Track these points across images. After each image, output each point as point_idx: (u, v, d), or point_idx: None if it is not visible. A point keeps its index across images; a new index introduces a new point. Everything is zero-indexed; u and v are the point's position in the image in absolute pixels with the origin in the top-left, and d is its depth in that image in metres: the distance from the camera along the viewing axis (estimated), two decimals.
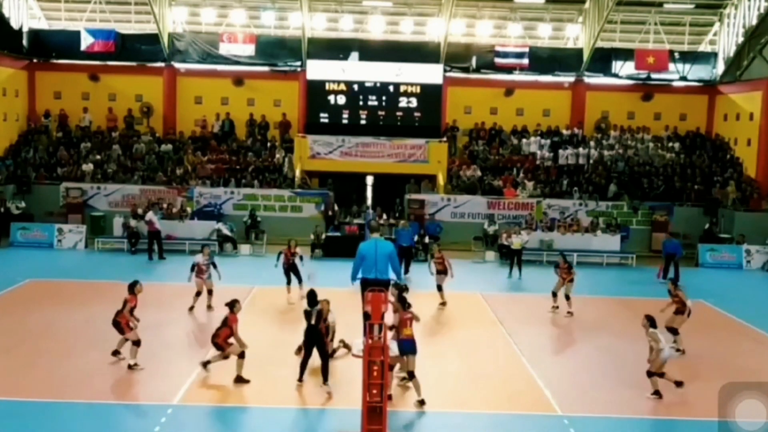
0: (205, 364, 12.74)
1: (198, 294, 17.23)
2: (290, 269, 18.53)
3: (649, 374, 12.24)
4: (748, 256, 25.60)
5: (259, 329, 15.68)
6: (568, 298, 17.74)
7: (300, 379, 12.28)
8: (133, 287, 13.36)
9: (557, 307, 17.98)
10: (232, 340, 12.48)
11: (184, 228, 25.45)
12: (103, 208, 27.23)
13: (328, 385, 12.03)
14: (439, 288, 18.46)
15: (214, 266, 17.45)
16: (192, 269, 17.07)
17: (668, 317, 14.93)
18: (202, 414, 11.20)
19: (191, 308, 17.17)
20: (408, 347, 11.78)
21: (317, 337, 12.24)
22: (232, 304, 12.68)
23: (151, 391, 11.98)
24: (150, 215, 23.96)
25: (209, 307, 17.14)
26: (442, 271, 18.48)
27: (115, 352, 13.27)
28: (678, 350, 14.66)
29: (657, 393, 12.16)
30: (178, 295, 18.46)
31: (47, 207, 27.35)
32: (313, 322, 12.20)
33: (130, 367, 12.81)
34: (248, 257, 24.74)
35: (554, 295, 17.93)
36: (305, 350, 12.41)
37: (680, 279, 21.90)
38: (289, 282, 18.36)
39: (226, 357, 12.53)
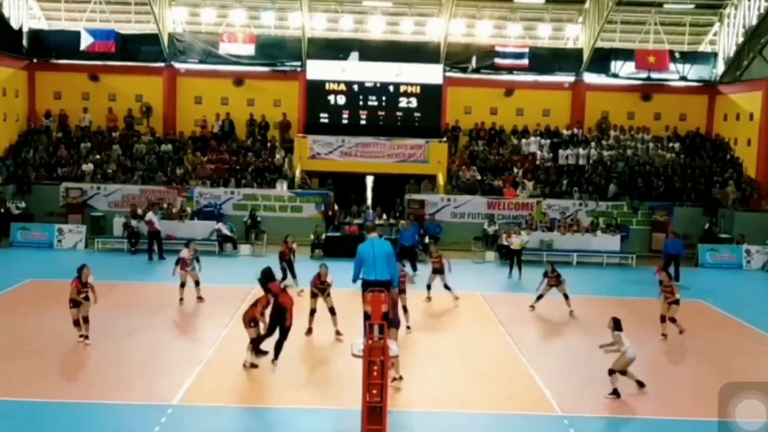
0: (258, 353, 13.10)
1: (183, 285, 17.71)
2: (287, 265, 18.63)
3: (611, 372, 12.30)
4: (748, 256, 25.60)
5: None
6: (566, 297, 17.84)
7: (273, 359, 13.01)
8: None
9: (534, 308, 18.18)
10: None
11: (184, 228, 25.44)
12: (103, 208, 27.23)
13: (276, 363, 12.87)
14: (446, 287, 18.55)
15: (197, 260, 18.10)
16: (177, 263, 17.78)
17: (664, 308, 15.84)
18: (202, 414, 11.20)
19: (181, 300, 17.63)
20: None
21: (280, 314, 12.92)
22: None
23: (151, 391, 11.97)
24: (150, 215, 23.99)
25: (199, 298, 17.76)
26: (439, 270, 18.50)
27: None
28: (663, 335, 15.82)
29: (615, 392, 12.22)
30: (178, 295, 18.49)
31: (47, 207, 27.36)
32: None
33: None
34: (248, 257, 24.73)
35: (539, 298, 18.04)
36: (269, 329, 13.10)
37: (680, 279, 22.10)
38: (284, 278, 18.37)
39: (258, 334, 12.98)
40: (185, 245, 18.76)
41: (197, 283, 17.87)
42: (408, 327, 15.59)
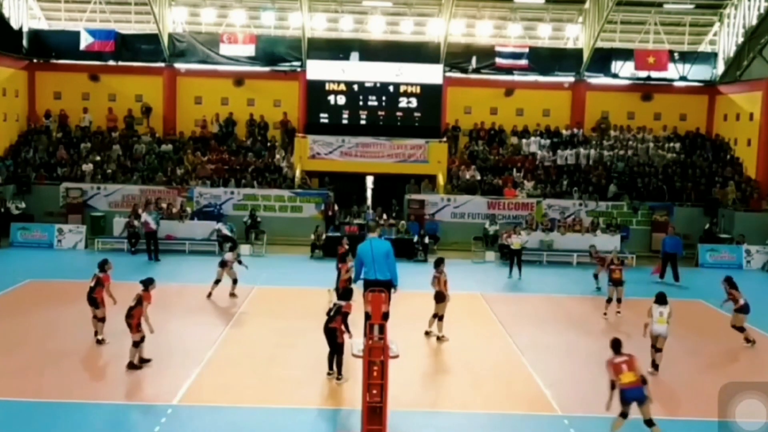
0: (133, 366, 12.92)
1: (217, 282, 18.18)
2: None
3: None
4: (748, 256, 25.60)
5: (259, 329, 15.71)
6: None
7: (329, 373, 12.68)
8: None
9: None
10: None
11: (184, 228, 25.45)
12: (103, 209, 27.23)
13: (340, 379, 12.46)
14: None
15: (240, 263, 18.83)
16: (221, 265, 18.34)
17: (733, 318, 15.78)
18: (202, 414, 11.20)
19: (209, 295, 18.16)
20: (633, 395, 10.36)
21: (328, 331, 12.55)
22: (147, 283, 13.16)
23: (151, 391, 11.98)
24: (144, 216, 23.93)
25: (232, 295, 18.29)
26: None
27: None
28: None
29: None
30: (179, 295, 18.51)
31: (47, 207, 27.35)
32: (331, 314, 12.60)
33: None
34: (248, 257, 24.65)
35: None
36: (328, 342, 12.70)
37: (679, 279, 22.11)
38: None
39: (137, 344, 12.82)
40: (230, 249, 19.19)
41: (235, 281, 18.44)
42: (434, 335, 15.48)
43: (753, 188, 28.33)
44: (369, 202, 30.13)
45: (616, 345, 10.85)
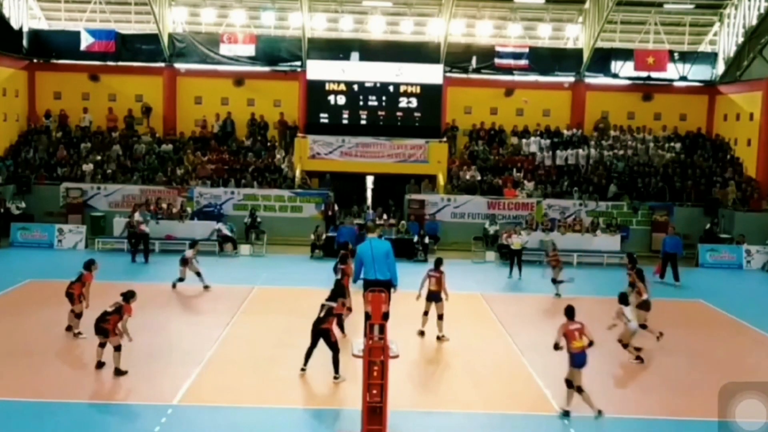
0: (100, 365, 12.92)
1: (181, 279, 19.05)
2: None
3: (624, 345, 13.85)
4: (748, 256, 25.59)
5: (259, 329, 15.70)
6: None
7: (302, 368, 12.67)
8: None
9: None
10: (118, 328, 12.66)
11: (184, 228, 25.43)
12: (103, 209, 27.23)
13: (338, 378, 12.41)
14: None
15: (196, 261, 19.25)
16: (182, 263, 18.80)
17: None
18: (202, 414, 11.20)
19: (174, 286, 18.90)
20: (582, 360, 11.27)
21: (320, 331, 12.54)
22: (129, 296, 12.83)
23: (151, 391, 11.97)
24: (137, 216, 23.90)
25: (206, 287, 18.72)
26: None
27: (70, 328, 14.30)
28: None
29: (639, 358, 13.87)
30: (179, 295, 18.51)
31: (47, 207, 27.35)
32: (321, 315, 12.70)
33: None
34: (248, 257, 24.74)
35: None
36: (311, 340, 12.71)
37: (679, 279, 22.11)
38: None
39: (103, 345, 12.70)
40: (190, 246, 19.44)
41: (199, 274, 18.78)
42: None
43: (753, 188, 28.32)
44: (369, 202, 30.13)
45: (570, 312, 11.62)
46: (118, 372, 12.56)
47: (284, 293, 19.10)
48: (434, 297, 15.24)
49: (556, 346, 11.46)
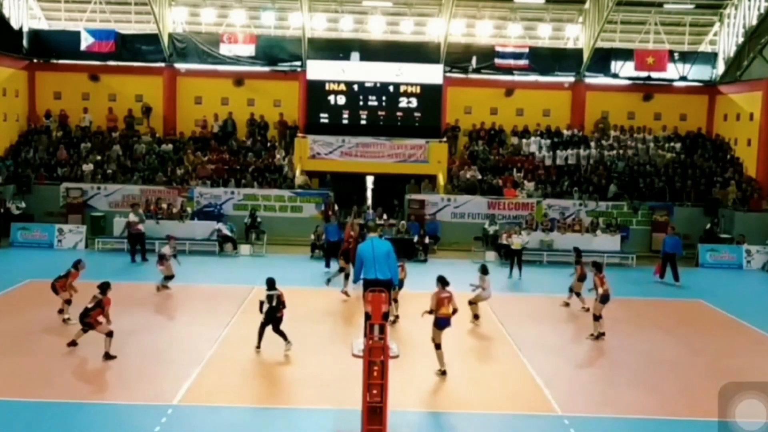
0: (72, 344, 13.69)
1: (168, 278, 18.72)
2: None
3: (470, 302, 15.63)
4: (748, 256, 25.59)
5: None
6: (578, 294, 18.15)
7: (257, 347, 13.96)
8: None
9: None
10: (101, 319, 13.31)
11: (185, 228, 25.41)
12: (103, 209, 27.22)
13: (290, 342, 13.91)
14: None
15: (175, 257, 19.33)
16: (159, 261, 18.72)
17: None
18: (202, 414, 11.20)
19: (166, 286, 18.72)
20: (446, 323, 13.05)
21: (275, 318, 13.99)
22: (105, 287, 13.56)
23: (151, 391, 11.97)
24: (131, 216, 23.87)
25: (163, 287, 18.70)
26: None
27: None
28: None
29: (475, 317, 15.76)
30: (178, 295, 18.51)
31: (47, 207, 27.34)
32: (273, 304, 13.92)
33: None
34: (248, 257, 24.73)
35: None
36: (262, 324, 14.08)
37: (679, 279, 22.11)
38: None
39: (85, 331, 13.41)
40: (167, 241, 19.61)
41: (170, 278, 18.68)
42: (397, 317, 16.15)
43: (753, 188, 28.32)
44: (369, 202, 30.12)
45: (443, 280, 13.24)
46: (108, 356, 13.15)
47: (284, 293, 19.04)
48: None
49: (431, 312, 13.01)
